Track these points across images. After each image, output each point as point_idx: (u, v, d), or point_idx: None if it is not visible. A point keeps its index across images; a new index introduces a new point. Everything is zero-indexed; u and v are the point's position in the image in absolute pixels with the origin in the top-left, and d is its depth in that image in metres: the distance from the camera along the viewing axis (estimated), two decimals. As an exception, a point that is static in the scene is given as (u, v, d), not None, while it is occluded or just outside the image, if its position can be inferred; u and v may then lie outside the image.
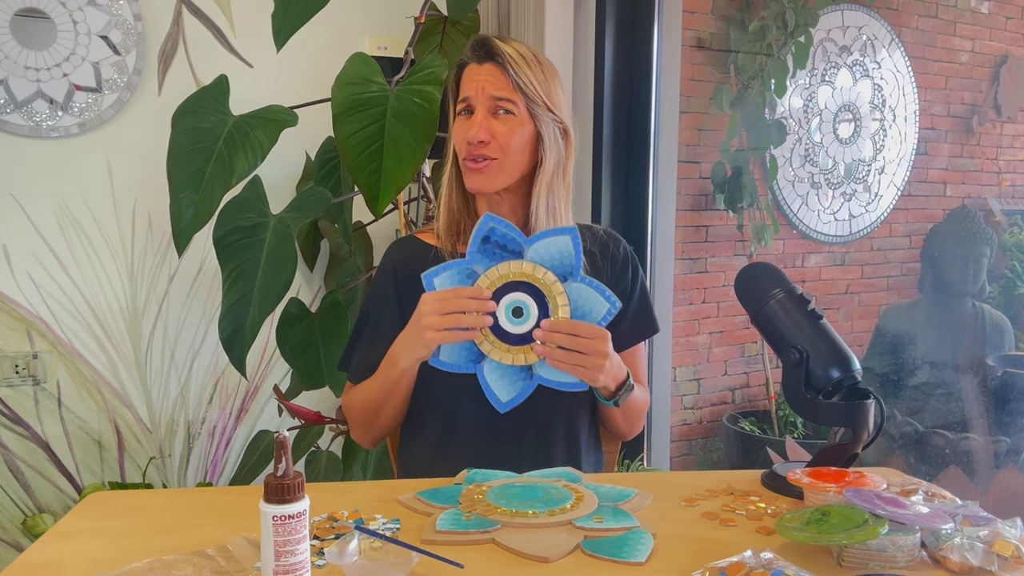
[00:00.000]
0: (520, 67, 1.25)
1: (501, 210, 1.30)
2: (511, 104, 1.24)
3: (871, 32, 3.06)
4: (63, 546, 0.91)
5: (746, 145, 2.99)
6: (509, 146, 1.24)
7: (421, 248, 1.34)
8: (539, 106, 1.25)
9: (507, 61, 1.24)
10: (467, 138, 1.25)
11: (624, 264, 1.37)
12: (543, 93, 1.26)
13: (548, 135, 1.26)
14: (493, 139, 1.24)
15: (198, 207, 1.58)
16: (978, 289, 2.61)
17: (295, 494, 0.76)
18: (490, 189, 1.27)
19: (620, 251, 1.37)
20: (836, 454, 1.10)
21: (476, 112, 1.25)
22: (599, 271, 1.31)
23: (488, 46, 1.27)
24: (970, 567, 0.83)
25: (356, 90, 1.62)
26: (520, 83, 1.24)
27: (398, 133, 1.59)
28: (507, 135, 1.24)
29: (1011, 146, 3.08)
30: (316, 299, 2.22)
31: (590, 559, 0.87)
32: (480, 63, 1.27)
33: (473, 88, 1.26)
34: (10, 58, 1.92)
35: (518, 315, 1.14)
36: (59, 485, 2.07)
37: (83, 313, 2.06)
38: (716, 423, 3.11)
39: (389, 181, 1.59)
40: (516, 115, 1.25)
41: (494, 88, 1.24)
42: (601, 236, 1.37)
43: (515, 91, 1.24)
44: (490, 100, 1.25)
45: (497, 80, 1.25)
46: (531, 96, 1.24)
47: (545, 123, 1.26)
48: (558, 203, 1.28)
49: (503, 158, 1.25)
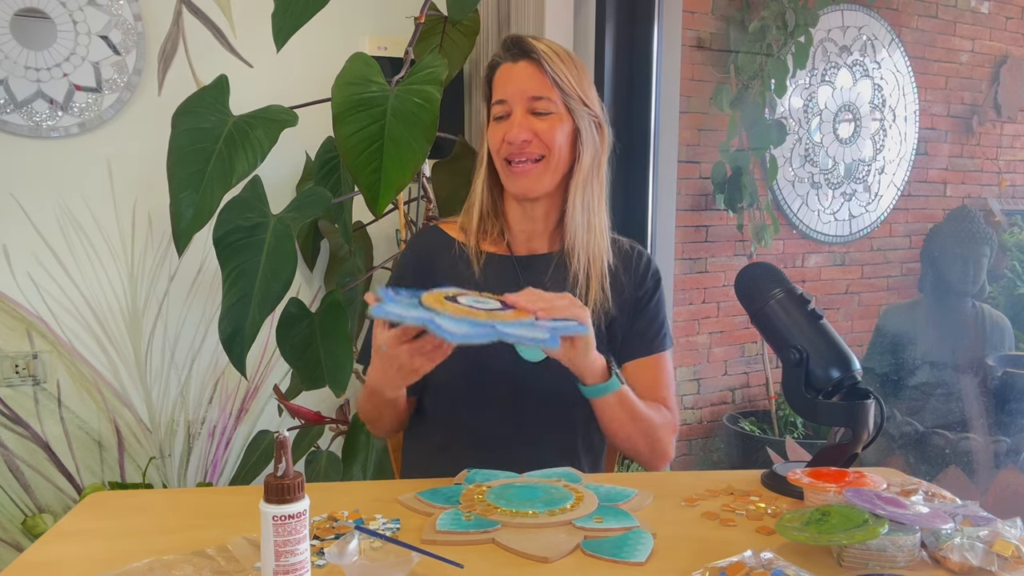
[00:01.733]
0: (555, 63, 1.23)
1: (535, 213, 1.29)
2: (549, 102, 1.23)
3: (871, 32, 3.06)
4: (63, 546, 0.91)
5: (746, 145, 2.99)
6: (553, 143, 1.23)
7: (444, 241, 1.33)
8: (575, 100, 1.24)
9: (542, 57, 1.22)
10: (508, 139, 1.23)
11: (644, 276, 1.34)
12: (578, 88, 1.24)
13: (585, 129, 1.25)
14: (536, 137, 1.23)
15: (198, 207, 1.58)
16: (978, 289, 2.61)
17: (295, 494, 0.76)
18: (539, 191, 1.26)
19: (643, 264, 1.35)
20: (836, 454, 1.10)
21: (515, 112, 1.24)
22: (619, 285, 1.30)
23: (522, 44, 1.25)
24: (970, 567, 0.83)
25: (356, 90, 1.62)
26: (557, 79, 1.22)
27: (398, 133, 1.59)
28: (549, 132, 1.23)
29: (1011, 146, 3.08)
30: (316, 299, 2.22)
31: (590, 559, 0.87)
32: (515, 61, 1.25)
33: (510, 88, 1.25)
34: (10, 58, 1.92)
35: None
36: (59, 485, 2.07)
37: (83, 313, 2.06)
38: (716, 423, 3.11)
39: (389, 181, 1.59)
40: (555, 112, 1.23)
41: (531, 86, 1.23)
42: (626, 250, 1.35)
43: (552, 87, 1.23)
44: (528, 99, 1.23)
45: (533, 77, 1.23)
46: (568, 91, 1.23)
47: (581, 117, 1.25)
48: (593, 200, 1.27)
49: (550, 156, 1.24)
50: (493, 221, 1.32)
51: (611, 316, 1.29)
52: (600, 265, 1.28)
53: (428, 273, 1.30)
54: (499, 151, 1.26)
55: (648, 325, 1.32)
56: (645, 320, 1.32)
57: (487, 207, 1.31)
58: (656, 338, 1.32)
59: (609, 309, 1.28)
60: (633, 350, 1.30)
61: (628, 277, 1.32)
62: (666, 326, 1.35)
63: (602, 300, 1.27)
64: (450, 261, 1.31)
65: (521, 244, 1.33)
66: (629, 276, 1.32)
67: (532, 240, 1.32)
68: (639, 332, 1.31)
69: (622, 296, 1.30)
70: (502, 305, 1.04)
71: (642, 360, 1.31)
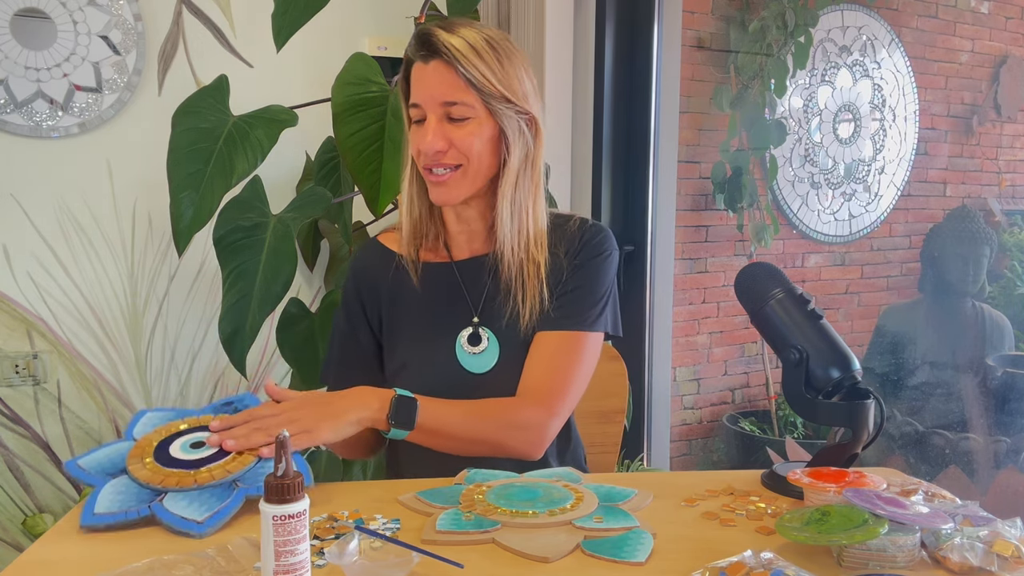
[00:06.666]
0: (469, 60, 1.11)
1: (467, 215, 1.23)
2: (464, 107, 1.12)
3: (871, 32, 3.06)
4: (63, 546, 0.91)
5: (746, 145, 2.99)
6: (470, 151, 1.14)
7: (383, 257, 1.28)
8: (497, 99, 1.13)
9: (454, 57, 1.11)
10: (422, 149, 1.14)
11: (578, 249, 1.23)
12: (500, 85, 1.13)
13: (511, 130, 1.15)
14: (451, 146, 1.14)
15: (198, 207, 1.58)
16: (978, 289, 2.61)
17: (295, 494, 0.75)
18: (455, 200, 1.18)
19: (580, 237, 1.24)
20: (836, 454, 1.10)
21: (428, 119, 1.14)
22: (559, 269, 1.22)
23: (430, 41, 1.12)
24: (970, 567, 0.83)
25: (356, 90, 1.62)
26: (472, 79, 1.11)
27: (398, 133, 1.59)
28: (466, 139, 1.13)
29: (1011, 146, 3.08)
30: (316, 299, 2.22)
31: (590, 559, 0.87)
32: (425, 62, 1.14)
33: (422, 93, 1.14)
34: (10, 58, 1.92)
35: (197, 447, 1.02)
36: (59, 485, 2.07)
37: (83, 313, 2.06)
38: (716, 423, 3.11)
39: (389, 181, 1.59)
40: (473, 116, 1.13)
41: (444, 91, 1.12)
42: (572, 231, 1.25)
43: (468, 89, 1.12)
44: (441, 105, 1.13)
45: (445, 80, 1.12)
46: (486, 91, 1.12)
47: (507, 117, 1.14)
48: (525, 200, 1.18)
49: (467, 164, 1.15)
50: (429, 225, 1.25)
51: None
52: (537, 266, 1.20)
53: (373, 293, 1.27)
54: (417, 159, 1.17)
55: (567, 298, 1.21)
56: (565, 292, 1.21)
57: (420, 210, 1.23)
58: (570, 316, 1.20)
59: (547, 308, 1.20)
60: (542, 321, 1.20)
61: (565, 252, 1.23)
62: (595, 306, 1.22)
63: (542, 301, 1.20)
64: (392, 277, 1.26)
65: (462, 247, 1.27)
66: (566, 250, 1.23)
67: (472, 241, 1.26)
68: (556, 305, 1.21)
69: (562, 276, 1.23)
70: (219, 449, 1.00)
71: (542, 335, 1.21)
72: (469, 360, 1.22)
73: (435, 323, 1.25)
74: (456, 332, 1.24)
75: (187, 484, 0.95)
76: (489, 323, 1.24)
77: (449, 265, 1.27)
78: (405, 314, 1.27)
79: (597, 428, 1.46)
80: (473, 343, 1.23)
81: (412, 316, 1.27)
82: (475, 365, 1.22)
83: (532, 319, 1.21)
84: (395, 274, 1.27)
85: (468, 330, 1.24)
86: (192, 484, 0.95)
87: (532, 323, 1.21)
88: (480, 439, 1.13)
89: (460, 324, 1.24)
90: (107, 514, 0.92)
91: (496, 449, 1.14)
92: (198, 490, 0.95)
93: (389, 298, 1.27)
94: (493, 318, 1.23)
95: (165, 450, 1.00)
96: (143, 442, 1.03)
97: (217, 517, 0.91)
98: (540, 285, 1.20)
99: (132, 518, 0.91)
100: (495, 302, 1.23)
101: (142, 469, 0.97)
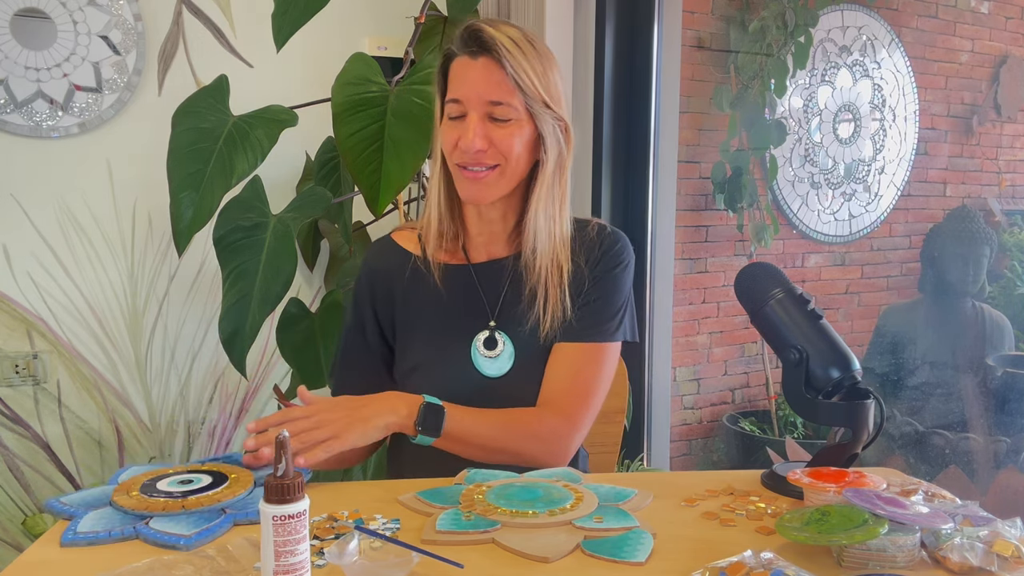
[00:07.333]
0: (519, 61, 1.11)
1: (490, 216, 1.22)
2: (509, 108, 1.12)
3: (871, 32, 3.06)
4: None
5: (746, 145, 2.99)
6: (510, 152, 1.14)
7: (399, 257, 1.27)
8: (538, 104, 1.13)
9: (504, 55, 1.11)
10: (462, 146, 1.13)
11: (599, 257, 1.24)
12: (542, 88, 1.13)
13: (548, 134, 1.15)
14: (491, 146, 1.13)
15: (198, 207, 1.58)
16: (978, 289, 2.61)
17: (295, 494, 0.75)
18: (487, 200, 1.17)
19: (600, 244, 1.24)
20: (836, 454, 1.10)
21: (470, 117, 1.13)
22: (581, 278, 1.22)
23: (482, 38, 1.12)
24: (970, 567, 0.83)
25: (356, 90, 1.62)
26: (520, 81, 1.11)
27: (398, 133, 1.59)
28: (507, 140, 1.13)
29: (1011, 146, 3.08)
30: (316, 299, 2.22)
31: (590, 559, 0.87)
32: (473, 57, 1.13)
33: (466, 89, 1.13)
34: (10, 58, 1.92)
35: (185, 483, 1.00)
36: (59, 485, 2.07)
37: (83, 313, 2.06)
38: (716, 423, 3.11)
39: (389, 181, 1.59)
40: (515, 118, 1.13)
41: (490, 89, 1.12)
42: (591, 239, 1.25)
43: (513, 90, 1.12)
44: (486, 104, 1.12)
45: (492, 78, 1.12)
46: (531, 94, 1.12)
47: (545, 122, 1.15)
48: (555, 206, 1.19)
49: (505, 165, 1.14)
50: (450, 225, 1.23)
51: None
52: (561, 272, 1.20)
53: (386, 294, 1.26)
54: (451, 155, 1.16)
55: (587, 309, 1.21)
56: (586, 303, 1.22)
57: (446, 208, 1.22)
58: (590, 327, 1.21)
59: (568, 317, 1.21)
60: (563, 332, 1.20)
61: (585, 260, 1.23)
62: (615, 317, 1.22)
63: (563, 308, 1.20)
64: (408, 278, 1.25)
65: (479, 249, 1.26)
66: (586, 259, 1.23)
67: (491, 244, 1.25)
68: (577, 316, 1.21)
69: (582, 285, 1.23)
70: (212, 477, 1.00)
71: (562, 345, 1.21)
72: (484, 364, 1.22)
73: (451, 325, 1.24)
74: (472, 335, 1.23)
75: (174, 509, 0.93)
76: (506, 327, 1.23)
77: (467, 267, 1.26)
78: (420, 315, 1.26)
79: (597, 428, 1.45)
80: (489, 347, 1.22)
81: (427, 317, 1.26)
82: (490, 369, 1.22)
83: (553, 326, 1.20)
84: (411, 274, 1.26)
85: (484, 333, 1.23)
86: (180, 509, 0.93)
87: (552, 330, 1.20)
88: (503, 448, 1.14)
89: (476, 327, 1.24)
90: (89, 533, 0.89)
91: (518, 458, 1.15)
92: (186, 513, 0.93)
93: (403, 299, 1.26)
94: (510, 322, 1.23)
95: (152, 485, 0.99)
96: (129, 482, 1.01)
97: (205, 533, 0.89)
98: (563, 292, 1.20)
99: (116, 537, 0.89)
100: (513, 306, 1.23)
101: (128, 499, 0.96)
